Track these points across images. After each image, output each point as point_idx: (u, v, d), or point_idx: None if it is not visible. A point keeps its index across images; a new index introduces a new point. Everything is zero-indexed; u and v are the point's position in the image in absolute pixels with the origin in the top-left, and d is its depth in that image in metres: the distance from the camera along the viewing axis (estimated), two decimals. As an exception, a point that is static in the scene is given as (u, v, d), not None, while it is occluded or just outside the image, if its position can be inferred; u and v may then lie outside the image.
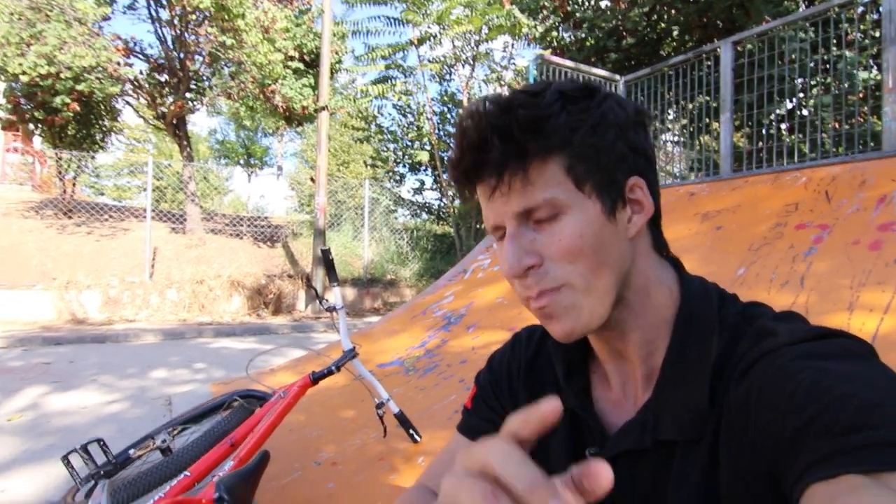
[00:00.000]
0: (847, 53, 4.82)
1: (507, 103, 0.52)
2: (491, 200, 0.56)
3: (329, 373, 2.08)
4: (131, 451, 2.08)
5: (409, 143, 14.09)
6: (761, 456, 0.45)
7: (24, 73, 7.87)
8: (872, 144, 3.92)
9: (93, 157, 10.89)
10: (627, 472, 0.58)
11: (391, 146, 14.73)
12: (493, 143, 0.52)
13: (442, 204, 14.07)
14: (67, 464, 1.93)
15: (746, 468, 0.47)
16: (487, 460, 0.28)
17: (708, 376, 0.53)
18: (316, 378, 2.05)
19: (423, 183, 14.39)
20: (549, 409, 0.29)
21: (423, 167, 13.97)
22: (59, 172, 10.15)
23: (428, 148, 13.24)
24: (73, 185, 10.71)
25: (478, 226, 12.53)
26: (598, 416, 0.63)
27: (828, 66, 4.63)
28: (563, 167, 0.53)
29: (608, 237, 0.54)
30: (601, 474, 0.27)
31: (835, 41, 4.45)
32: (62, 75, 8.13)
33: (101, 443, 1.94)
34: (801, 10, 5.90)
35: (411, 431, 2.26)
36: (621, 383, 0.63)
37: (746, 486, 0.47)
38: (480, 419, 0.74)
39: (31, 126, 9.66)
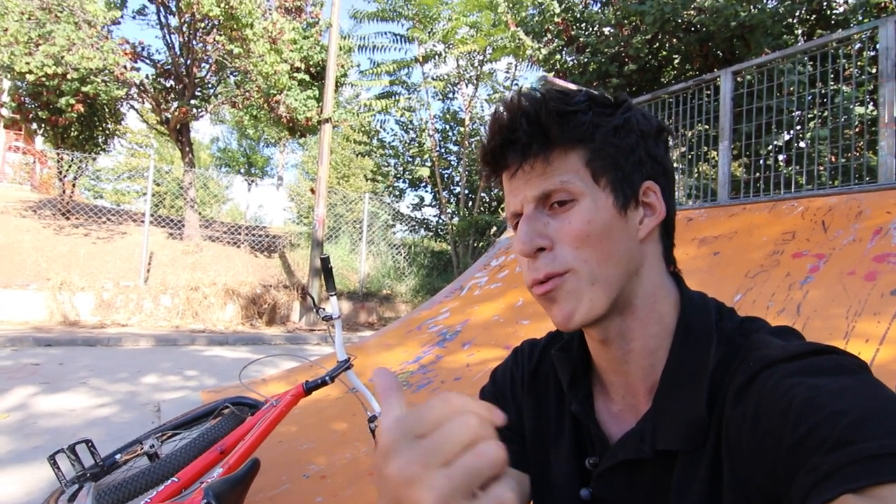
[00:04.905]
0: (844, 88, 4.90)
1: (540, 96, 0.57)
2: (513, 180, 0.59)
3: (323, 383, 2.04)
4: (118, 456, 2.04)
5: (410, 159, 14.16)
6: (760, 473, 0.45)
7: (30, 72, 7.92)
8: (868, 178, 3.97)
9: (94, 160, 10.89)
10: (627, 481, 0.58)
11: (392, 161, 14.80)
12: (521, 126, 0.56)
13: (440, 221, 14.10)
14: (53, 464, 1.89)
15: (746, 484, 0.48)
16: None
17: (705, 386, 0.54)
18: (309, 388, 2.02)
19: (422, 199, 14.41)
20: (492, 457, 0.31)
21: (423, 183, 14.03)
22: (60, 173, 10.14)
23: (428, 164, 13.32)
24: (73, 186, 10.69)
25: (475, 244, 12.55)
26: (599, 425, 0.64)
27: (825, 99, 4.71)
28: (583, 159, 0.57)
29: (617, 230, 0.57)
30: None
31: (832, 76, 4.52)
32: (69, 76, 8.19)
33: (89, 444, 1.91)
34: (800, 43, 6.01)
35: (403, 446, 2.23)
36: (623, 394, 0.63)
37: (748, 500, 0.48)
38: None
39: (34, 126, 9.68)
